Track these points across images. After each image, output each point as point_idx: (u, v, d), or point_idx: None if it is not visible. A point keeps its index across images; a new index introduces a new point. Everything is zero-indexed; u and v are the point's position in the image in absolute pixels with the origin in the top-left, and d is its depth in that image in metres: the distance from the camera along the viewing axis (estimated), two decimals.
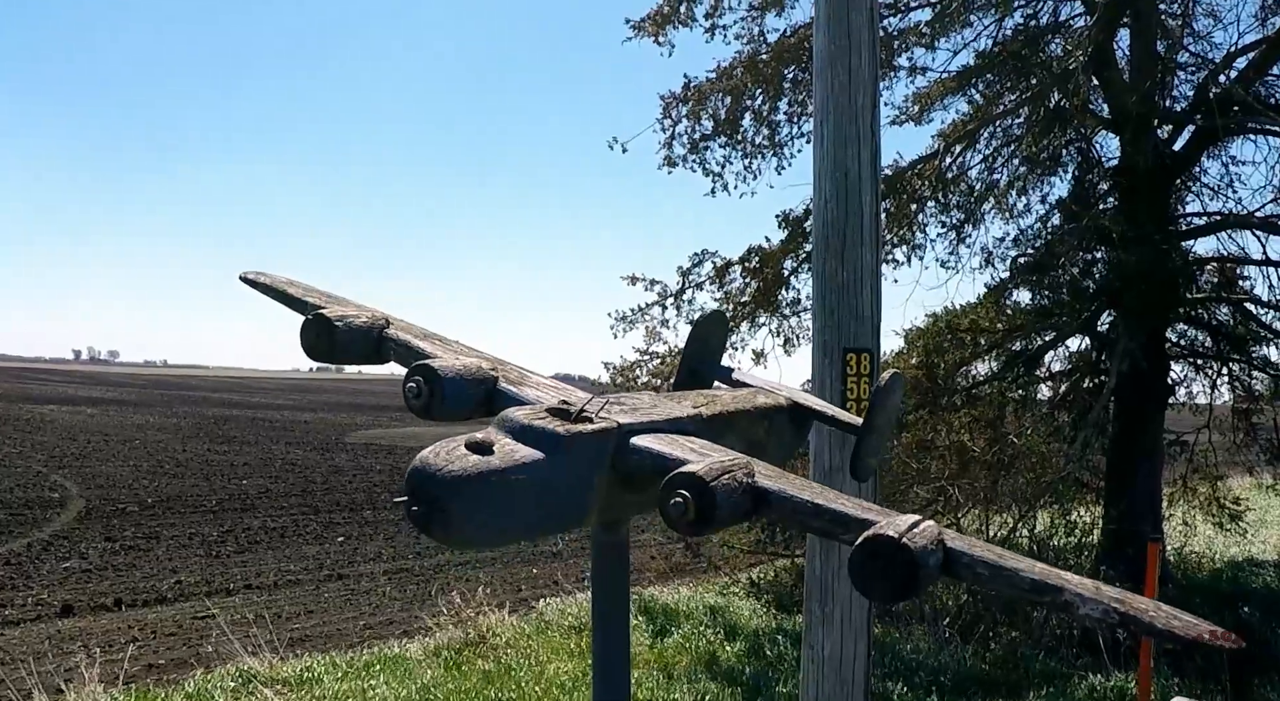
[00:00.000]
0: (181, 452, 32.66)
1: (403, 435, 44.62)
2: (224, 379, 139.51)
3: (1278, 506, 16.08)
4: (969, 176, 15.52)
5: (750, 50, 14.79)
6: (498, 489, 1.79)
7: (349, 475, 28.73)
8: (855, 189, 5.89)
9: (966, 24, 15.50)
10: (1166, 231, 13.63)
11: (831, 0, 6.01)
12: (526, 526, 1.94)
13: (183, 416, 51.70)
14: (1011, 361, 14.58)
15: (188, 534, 18.36)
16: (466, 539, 1.84)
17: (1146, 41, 14.25)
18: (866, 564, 1.69)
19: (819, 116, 6.14)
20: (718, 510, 1.82)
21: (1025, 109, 14.79)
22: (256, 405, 68.88)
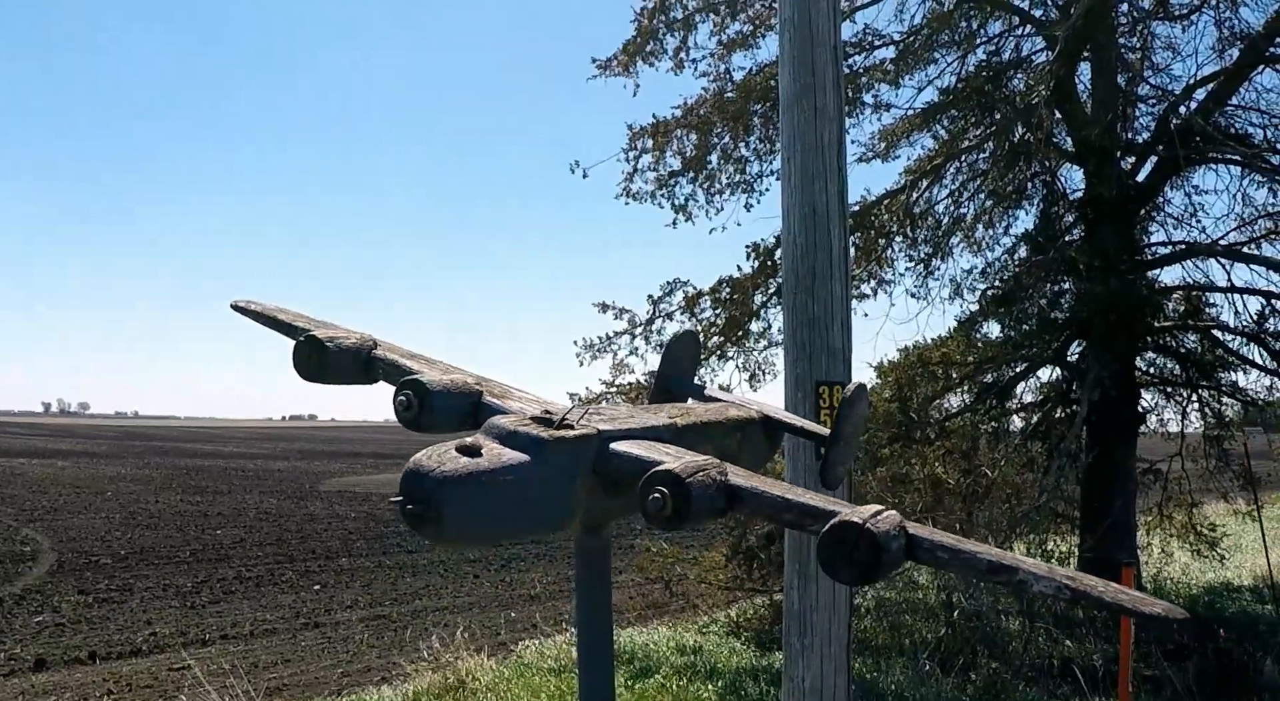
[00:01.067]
0: (154, 503, 32.36)
1: (377, 482, 44.37)
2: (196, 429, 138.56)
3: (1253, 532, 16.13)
4: (936, 211, 15.67)
5: (717, 88, 14.94)
6: (486, 488, 1.88)
7: (324, 523, 28.53)
8: (824, 224, 5.96)
9: (930, 61, 15.71)
10: (1132, 261, 13.79)
11: (796, 39, 6.10)
12: (513, 525, 2.04)
13: (155, 467, 51.25)
14: (983, 393, 14.67)
15: (162, 585, 18.17)
16: (457, 536, 1.91)
17: (1107, 75, 14.47)
18: (834, 549, 1.79)
19: (786, 153, 6.21)
20: (693, 504, 1.92)
21: (990, 143, 14.96)
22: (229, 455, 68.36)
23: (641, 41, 14.68)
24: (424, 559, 22.01)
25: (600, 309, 14.33)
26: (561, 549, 23.83)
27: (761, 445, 3.01)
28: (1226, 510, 17.55)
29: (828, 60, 6.06)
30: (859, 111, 15.39)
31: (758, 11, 14.89)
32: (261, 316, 3.02)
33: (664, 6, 14.73)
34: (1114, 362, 13.50)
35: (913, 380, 14.26)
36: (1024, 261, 14.73)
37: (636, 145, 14.80)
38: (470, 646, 11.80)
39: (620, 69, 14.71)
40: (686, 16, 14.79)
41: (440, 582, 19.14)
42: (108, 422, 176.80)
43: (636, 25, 14.66)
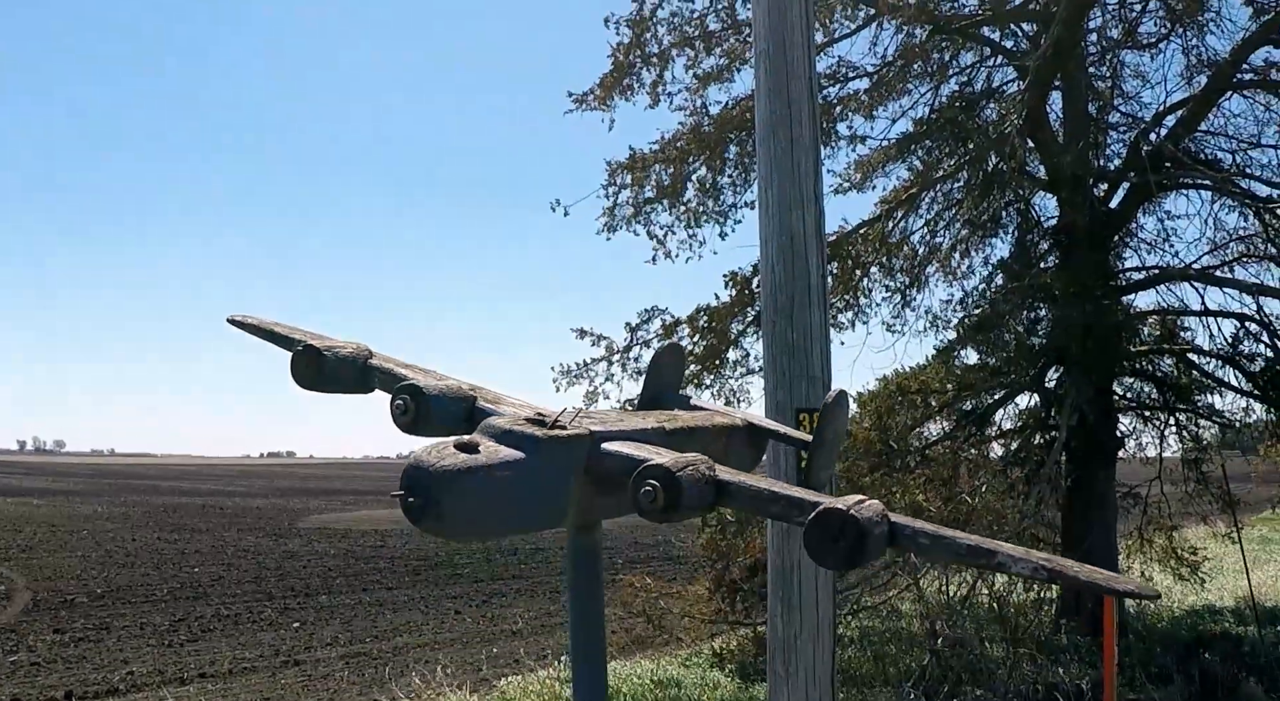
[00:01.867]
0: (131, 542, 32.09)
1: (356, 519, 44.15)
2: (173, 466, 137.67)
3: (1233, 554, 16.20)
4: (912, 241, 15.77)
5: (694, 121, 15.03)
6: (484, 483, 1.95)
7: (303, 560, 28.34)
8: (801, 252, 5.99)
9: (903, 92, 15.89)
10: (1107, 286, 13.90)
11: (772, 71, 6.16)
12: (509, 519, 2.10)
13: (131, 505, 50.84)
14: (963, 421, 14.72)
15: (139, 624, 18.00)
16: (456, 528, 2.00)
17: (1078, 104, 14.64)
18: (819, 535, 1.86)
19: (763, 183, 6.25)
20: (684, 495, 1.99)
21: (964, 173, 15.07)
22: (207, 492, 67.88)
23: (618, 76, 14.78)
24: (404, 595, 21.89)
25: (579, 335, 14.36)
26: (544, 583, 23.74)
27: (746, 451, 3.06)
28: (1207, 533, 17.63)
29: (803, 91, 6.12)
30: (834, 143, 15.52)
31: (732, 46, 15.02)
32: (258, 330, 3.08)
33: (640, 42, 14.84)
34: (1091, 388, 13.57)
35: (892, 409, 14.30)
36: (1000, 289, 14.83)
37: (615, 180, 14.87)
38: (452, 683, 11.73)
39: (597, 103, 14.80)
40: (662, 51, 14.90)
41: (421, 618, 19.01)
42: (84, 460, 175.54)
43: (613, 60, 14.76)
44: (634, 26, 14.74)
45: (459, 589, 22.91)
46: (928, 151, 15.66)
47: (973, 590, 12.65)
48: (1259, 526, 26.25)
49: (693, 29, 14.96)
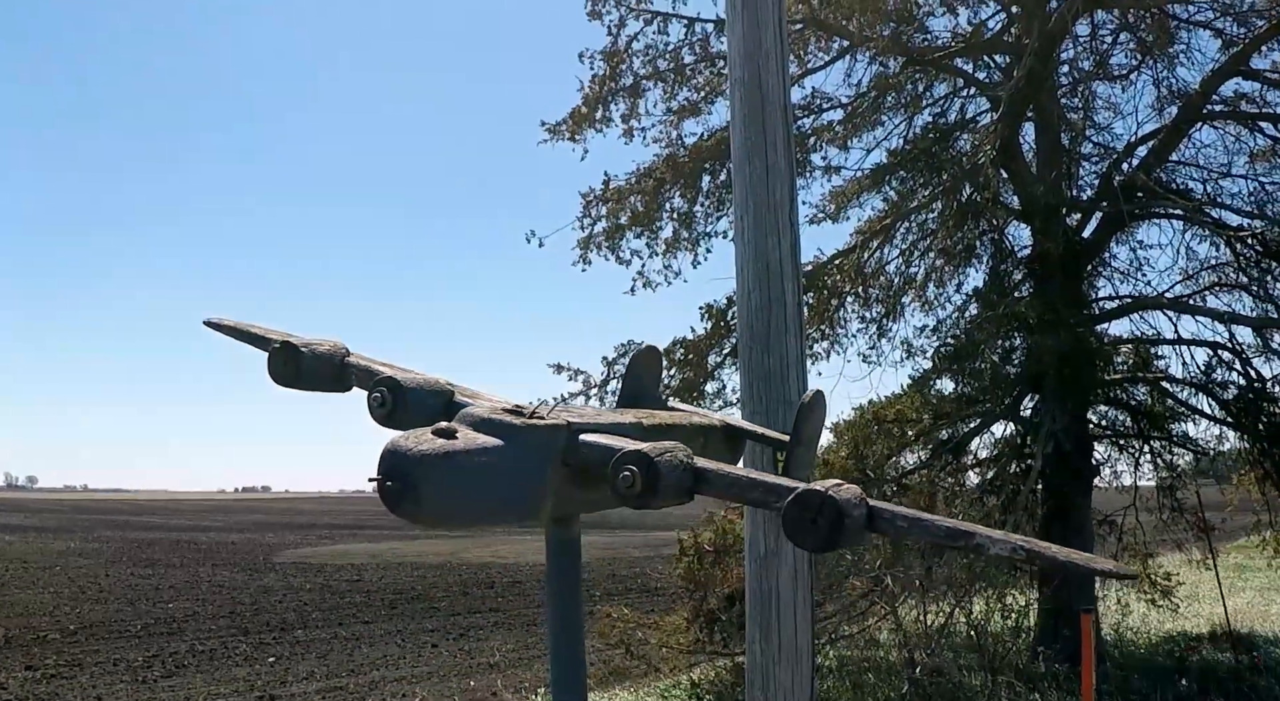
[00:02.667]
0: (104, 577, 31.75)
1: (332, 553, 43.84)
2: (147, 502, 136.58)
3: (1208, 581, 16.27)
4: (887, 271, 15.86)
5: (668, 153, 15.12)
6: (462, 468, 1.96)
7: (278, 594, 28.09)
8: (777, 279, 6.02)
9: (878, 123, 16.05)
10: (1081, 315, 14.00)
11: (747, 99, 6.20)
12: (487, 507, 2.10)
13: (105, 541, 50.33)
14: (939, 450, 14.76)
15: (112, 660, 17.78)
16: (433, 514, 1.99)
17: (1050, 134, 14.79)
18: (799, 517, 1.88)
19: (739, 210, 6.29)
20: (662, 481, 2.00)
21: (938, 203, 15.20)
22: (181, 527, 67.27)
23: (591, 107, 14.86)
24: (380, 629, 21.72)
25: (555, 370, 14.37)
26: (521, 616, 23.60)
27: (723, 451, 3.08)
28: (1182, 560, 17.70)
29: (778, 119, 6.17)
30: (809, 173, 15.63)
31: (707, 79, 15.14)
32: (234, 330, 3.08)
33: (614, 74, 14.93)
34: (1067, 416, 13.64)
35: (868, 438, 14.33)
36: (975, 318, 14.91)
37: (590, 212, 14.94)
38: None
39: (570, 134, 14.88)
40: (636, 83, 15.01)
41: (398, 652, 18.86)
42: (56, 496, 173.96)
43: (586, 92, 14.86)
44: (608, 59, 14.85)
45: (435, 622, 22.74)
46: (902, 182, 15.79)
47: (950, 618, 12.66)
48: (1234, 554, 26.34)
49: (667, 62, 15.08)
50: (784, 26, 6.37)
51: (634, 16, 14.87)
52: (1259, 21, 13.79)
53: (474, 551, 43.15)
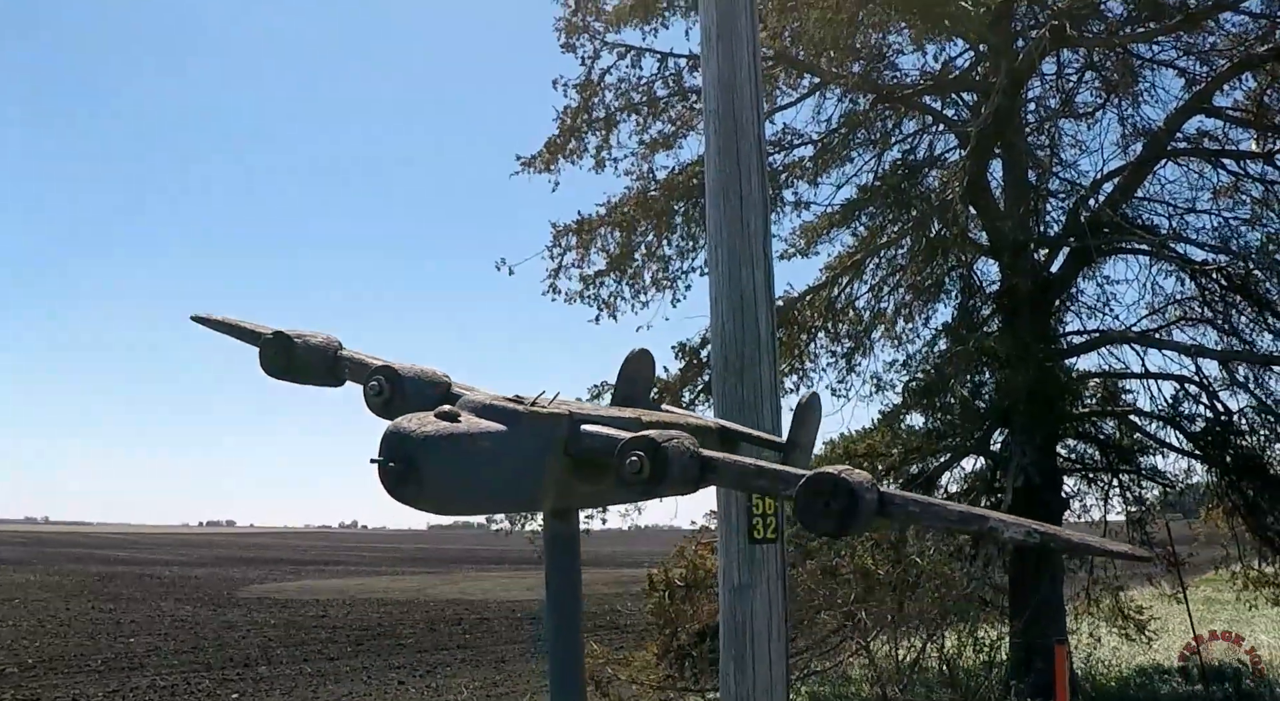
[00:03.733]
0: (65, 611, 31.25)
1: (298, 588, 43.38)
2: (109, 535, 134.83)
3: (1179, 614, 16.32)
4: (857, 305, 15.93)
5: (640, 186, 15.16)
6: (466, 451, 1.94)
7: (242, 630, 27.73)
8: (751, 309, 6.02)
9: (848, 159, 16.15)
10: (1050, 350, 14.09)
11: (722, 131, 6.22)
12: (489, 492, 2.07)
13: (66, 574, 49.57)
14: (909, 484, 14.77)
15: (71, 696, 17.48)
16: (436, 497, 1.94)
17: (1018, 171, 14.93)
18: (811, 500, 1.87)
19: (713, 241, 6.29)
20: (670, 466, 1.98)
21: (908, 239, 15.30)
22: (144, 561, 66.39)
23: (564, 139, 14.90)
24: (346, 666, 21.47)
25: None
26: (488, 653, 23.41)
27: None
28: (1152, 593, 17.75)
29: (752, 150, 6.18)
30: (780, 209, 15.70)
31: (679, 112, 15.22)
32: (223, 325, 3.03)
33: (587, 106, 15.00)
34: (1036, 450, 13.70)
35: None
36: (944, 353, 14.97)
37: (561, 243, 14.94)
38: None
39: (543, 166, 14.91)
40: (609, 115, 15.06)
41: (363, 689, 18.64)
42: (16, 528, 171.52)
43: (560, 123, 14.90)
44: (582, 90, 14.91)
45: (402, 659, 22.50)
46: (871, 218, 15.88)
47: (922, 653, 12.63)
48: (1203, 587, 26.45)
49: (640, 95, 15.16)
50: (758, 60, 6.40)
51: (608, 50, 14.98)
52: (1220, 61, 14.04)
53: (441, 588, 42.85)
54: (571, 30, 15.00)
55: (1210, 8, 13.23)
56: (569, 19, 15.02)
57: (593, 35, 15.05)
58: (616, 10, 14.93)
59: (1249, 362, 13.90)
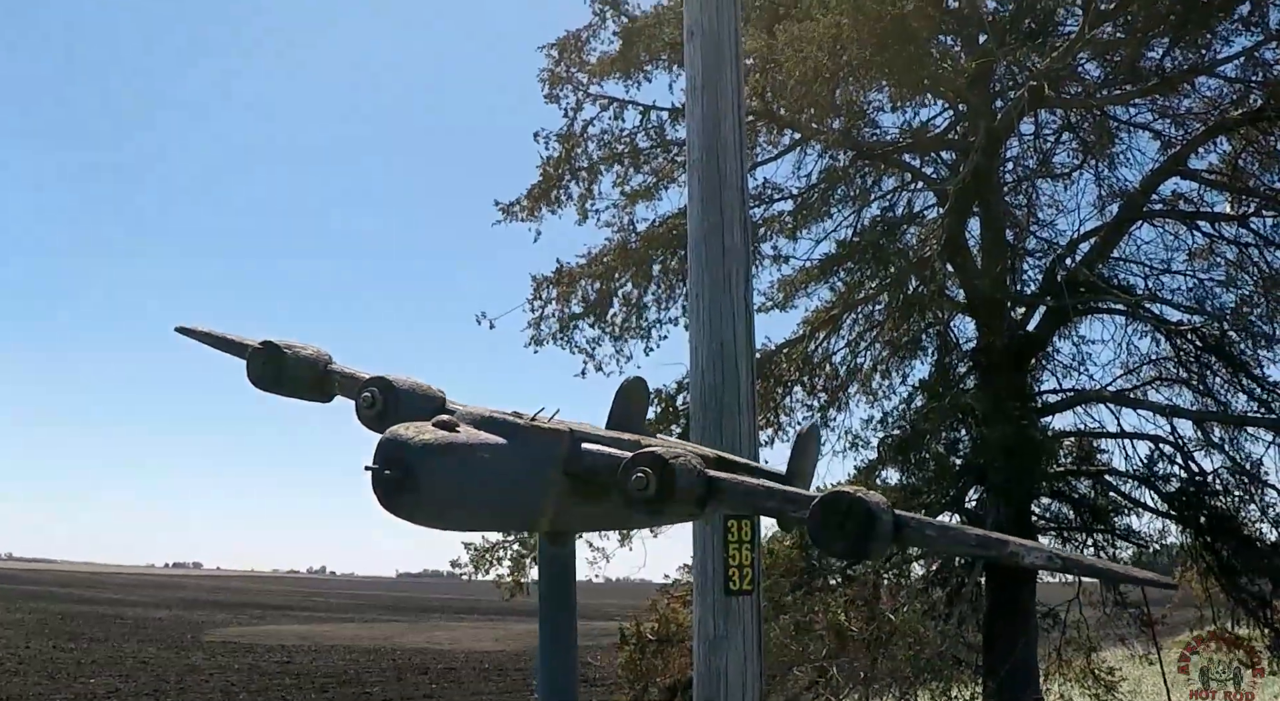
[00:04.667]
0: (24, 649, 30.74)
1: (263, 632, 42.84)
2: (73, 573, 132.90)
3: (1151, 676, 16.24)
4: (833, 361, 15.94)
5: (620, 237, 15.20)
6: (465, 462, 1.87)
7: (205, 674, 27.33)
8: (731, 358, 6.01)
9: (826, 215, 16.21)
10: (1025, 408, 14.12)
11: (705, 180, 6.24)
12: (487, 506, 2.00)
13: (27, 611, 48.79)
14: None
15: None
16: (432, 508, 1.88)
17: (996, 229, 15.03)
18: (826, 519, 1.80)
19: (694, 290, 6.29)
20: (677, 483, 1.90)
21: (885, 295, 15.33)
22: (107, 601, 65.47)
23: (546, 188, 14.95)
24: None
25: None
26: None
27: None
28: (1125, 655, 17.67)
29: (735, 201, 6.21)
30: (759, 262, 15.73)
31: (660, 164, 15.30)
32: (209, 337, 2.94)
33: (569, 156, 15.06)
34: (1011, 508, 13.69)
35: None
36: (920, 409, 14.98)
37: (541, 295, 14.95)
38: None
39: (525, 214, 14.94)
40: (591, 166, 15.13)
41: None
42: None
43: (542, 172, 14.95)
44: (564, 141, 14.99)
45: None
46: (850, 273, 15.91)
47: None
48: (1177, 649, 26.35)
49: (622, 146, 15.24)
50: (742, 112, 6.45)
51: (590, 101, 15.09)
52: (1196, 124, 14.24)
53: (410, 637, 42.40)
54: (555, 81, 15.12)
55: (1186, 71, 13.45)
56: (553, 70, 15.16)
57: (576, 87, 15.17)
58: (600, 62, 15.08)
59: (1224, 423, 13.96)
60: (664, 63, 14.67)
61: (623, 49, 14.86)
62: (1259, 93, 13.45)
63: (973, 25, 13.92)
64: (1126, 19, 13.06)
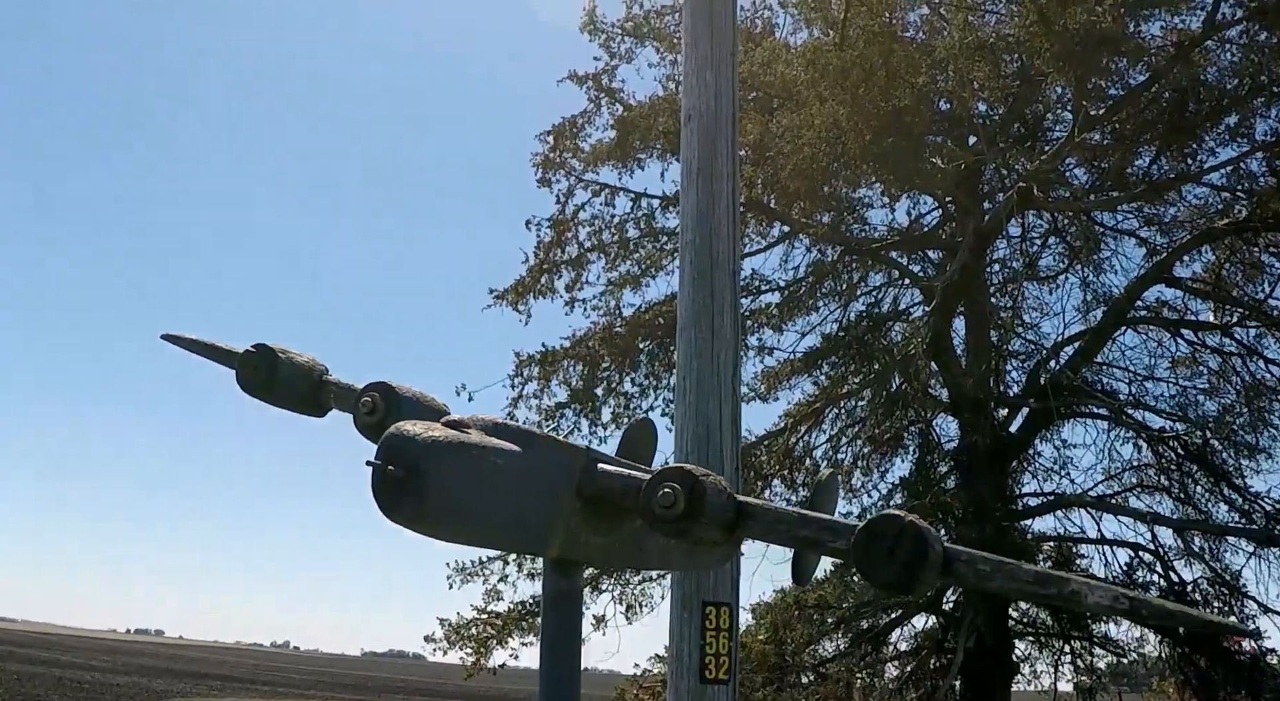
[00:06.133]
0: None
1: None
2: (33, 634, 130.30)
3: None
4: (814, 455, 15.88)
5: (606, 322, 15.21)
6: (477, 465, 1.71)
7: None
8: (716, 440, 5.95)
9: (813, 308, 16.26)
10: (1006, 510, 14.06)
11: (697, 262, 6.23)
12: (496, 519, 1.80)
13: None
14: (859, 639, 14.56)
15: None
16: (438, 512, 1.69)
17: (981, 330, 15.08)
18: (873, 546, 1.61)
19: (681, 373, 6.24)
20: (707, 502, 1.69)
21: (868, 391, 15.33)
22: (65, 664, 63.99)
23: (536, 275, 14.99)
24: None
25: None
26: None
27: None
28: None
29: (726, 284, 6.19)
30: (744, 353, 15.73)
31: (648, 252, 15.36)
32: (195, 344, 2.77)
33: (560, 241, 15.13)
34: (989, 611, 13.53)
35: (789, 622, 14.12)
36: (901, 507, 14.89)
37: (523, 373, 14.90)
38: None
39: (514, 301, 14.95)
40: (580, 253, 15.20)
41: None
42: None
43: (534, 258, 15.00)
44: (555, 227, 15.06)
45: None
46: (834, 367, 15.95)
47: None
48: None
49: (612, 234, 15.31)
50: (737, 195, 6.47)
51: (583, 187, 15.19)
52: (1181, 233, 14.37)
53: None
54: (549, 166, 15.23)
55: (1173, 179, 13.61)
56: (547, 155, 15.27)
57: (569, 172, 15.28)
58: (594, 150, 15.21)
59: (1204, 533, 13.90)
60: (657, 151, 14.80)
61: (617, 137, 15.00)
62: (1244, 203, 13.60)
63: (963, 126, 14.10)
64: (1115, 126, 13.23)
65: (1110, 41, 11.71)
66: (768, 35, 15.13)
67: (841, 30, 12.36)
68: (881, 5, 12.55)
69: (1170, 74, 12.37)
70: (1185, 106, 12.79)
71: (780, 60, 13.87)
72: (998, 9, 13.47)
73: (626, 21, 15.27)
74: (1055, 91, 13.76)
